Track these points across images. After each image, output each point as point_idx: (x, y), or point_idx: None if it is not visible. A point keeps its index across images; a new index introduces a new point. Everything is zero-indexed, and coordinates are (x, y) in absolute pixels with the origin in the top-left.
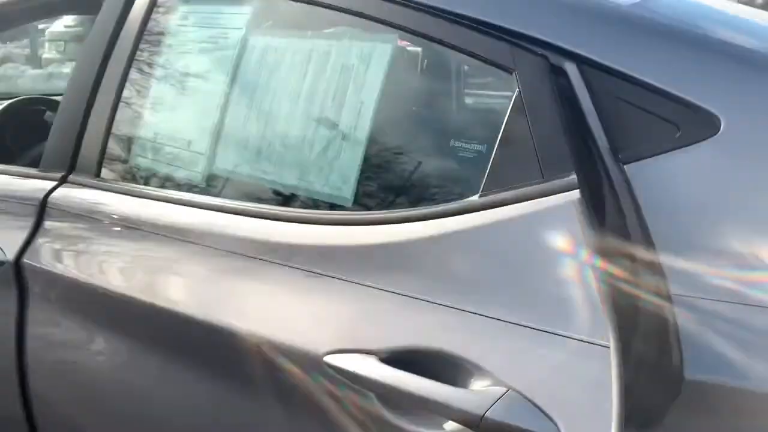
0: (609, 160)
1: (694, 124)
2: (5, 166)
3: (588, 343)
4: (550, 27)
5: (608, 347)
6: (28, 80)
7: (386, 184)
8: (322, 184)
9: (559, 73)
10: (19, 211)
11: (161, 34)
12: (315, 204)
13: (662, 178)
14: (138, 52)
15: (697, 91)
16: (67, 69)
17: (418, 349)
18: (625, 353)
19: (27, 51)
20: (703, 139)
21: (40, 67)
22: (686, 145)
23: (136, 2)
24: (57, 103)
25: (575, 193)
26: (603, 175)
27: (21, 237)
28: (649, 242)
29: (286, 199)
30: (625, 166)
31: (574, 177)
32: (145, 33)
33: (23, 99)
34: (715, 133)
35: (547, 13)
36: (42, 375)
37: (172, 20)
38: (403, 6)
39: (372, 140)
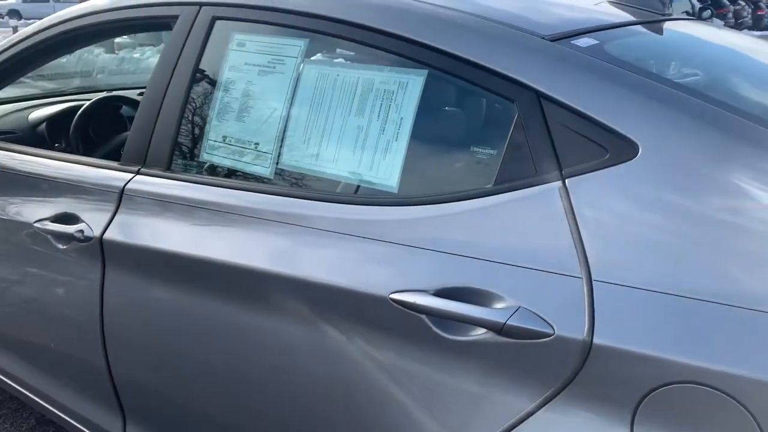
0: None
1: (619, 149)
2: (94, 160)
3: (563, 275)
4: (537, 70)
5: (579, 277)
6: (103, 70)
7: (421, 176)
8: (370, 174)
9: (537, 101)
10: (104, 197)
11: (216, 56)
12: (366, 188)
13: (595, 189)
14: (198, 70)
15: (623, 122)
16: (138, 54)
17: (456, 286)
18: None
19: None
20: (625, 161)
21: (113, 51)
22: (612, 165)
23: (195, 34)
24: (131, 99)
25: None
26: None
27: (105, 218)
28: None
29: (341, 185)
30: (566, 180)
31: (556, 172)
32: (203, 56)
33: (104, 97)
34: (634, 156)
35: (534, 60)
36: (118, 332)
37: (227, 46)
38: (434, 51)
39: (411, 144)
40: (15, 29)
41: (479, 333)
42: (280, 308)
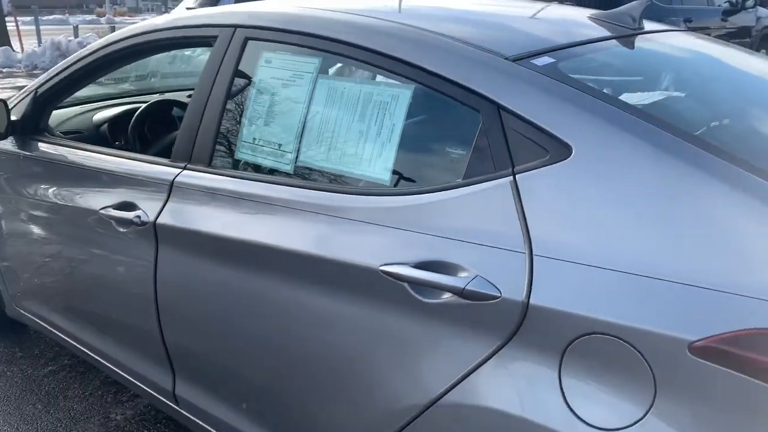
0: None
1: (557, 150)
2: (148, 157)
3: (512, 251)
4: (498, 86)
5: (523, 253)
6: (156, 73)
7: (408, 172)
8: (369, 170)
9: (497, 111)
10: (157, 188)
11: (249, 68)
12: (365, 182)
13: (538, 183)
14: (233, 82)
15: (561, 129)
16: (189, 51)
17: (431, 260)
18: None
19: None
20: (562, 160)
21: None
22: (552, 164)
23: (231, 51)
24: (180, 102)
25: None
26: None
27: (158, 206)
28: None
29: (347, 179)
30: (516, 176)
31: (509, 169)
32: (237, 70)
33: (157, 101)
34: (569, 156)
35: (496, 78)
36: (169, 303)
37: (257, 62)
38: (419, 69)
39: (400, 145)
40: None
41: (446, 297)
42: (298, 280)
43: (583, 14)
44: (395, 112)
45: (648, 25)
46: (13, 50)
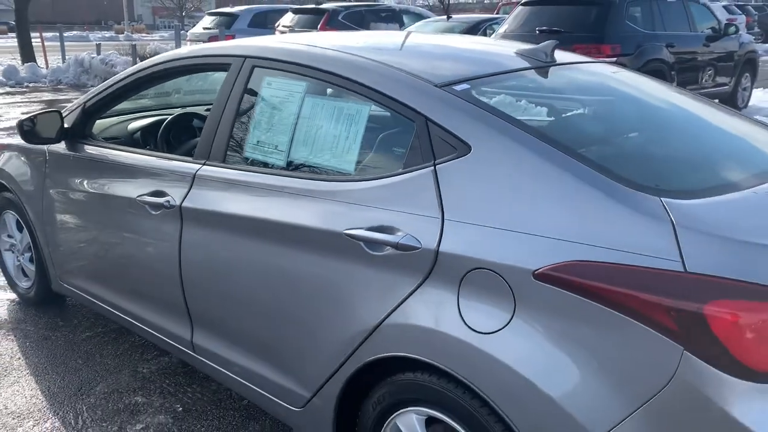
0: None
1: (462, 149)
2: (175, 156)
3: (430, 217)
4: (426, 105)
5: (438, 218)
6: (179, 90)
7: (366, 164)
8: (339, 163)
9: (425, 122)
10: (182, 180)
11: (254, 89)
12: (336, 172)
13: (450, 171)
14: (243, 99)
15: (465, 134)
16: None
17: (379, 225)
18: None
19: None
20: (465, 155)
21: None
22: (458, 158)
23: (241, 76)
24: (200, 115)
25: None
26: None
27: (183, 192)
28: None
29: (323, 170)
30: (437, 166)
31: (432, 161)
32: (246, 90)
33: (181, 113)
34: (469, 153)
35: (426, 99)
36: (190, 271)
37: (261, 84)
38: (375, 91)
39: (361, 145)
40: None
41: (387, 250)
42: (286, 243)
43: (510, 49)
44: (358, 122)
45: (561, 58)
46: (38, 66)
